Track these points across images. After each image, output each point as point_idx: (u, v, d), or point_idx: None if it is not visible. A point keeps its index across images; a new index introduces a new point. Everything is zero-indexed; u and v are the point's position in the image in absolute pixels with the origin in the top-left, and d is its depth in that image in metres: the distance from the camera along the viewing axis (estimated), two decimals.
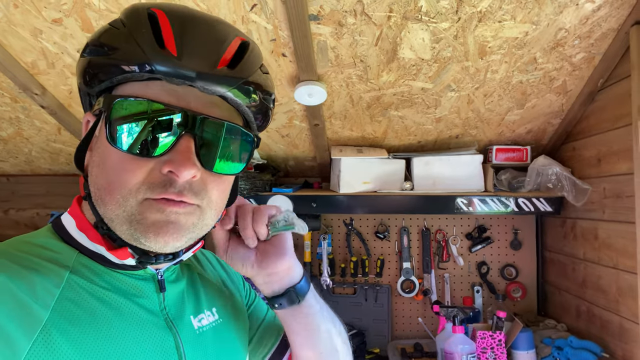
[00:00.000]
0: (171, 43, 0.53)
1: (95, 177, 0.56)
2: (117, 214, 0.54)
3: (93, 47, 0.56)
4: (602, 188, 1.58)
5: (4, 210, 2.47)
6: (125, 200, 0.53)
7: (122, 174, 0.53)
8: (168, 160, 0.53)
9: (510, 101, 1.67)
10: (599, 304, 1.63)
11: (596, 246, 1.64)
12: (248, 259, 0.69)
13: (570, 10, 1.26)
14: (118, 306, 0.57)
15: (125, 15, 0.57)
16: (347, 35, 1.33)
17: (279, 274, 0.71)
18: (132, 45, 0.53)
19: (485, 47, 1.39)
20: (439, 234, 2.19)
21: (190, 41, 0.54)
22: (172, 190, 0.53)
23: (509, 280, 2.15)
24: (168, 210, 0.54)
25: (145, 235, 0.54)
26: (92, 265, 0.58)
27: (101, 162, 0.56)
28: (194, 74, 0.53)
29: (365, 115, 1.75)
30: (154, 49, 0.53)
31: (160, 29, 0.54)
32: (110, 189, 0.54)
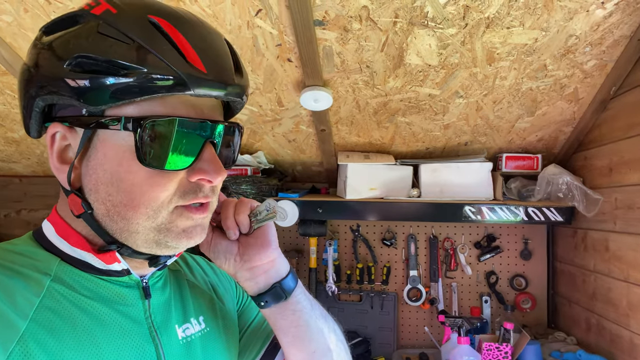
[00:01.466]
0: (195, 58, 0.53)
1: (108, 195, 0.55)
2: (145, 225, 0.56)
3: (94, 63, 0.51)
4: (614, 198, 1.54)
5: (16, 210, 2.51)
6: (157, 213, 0.55)
7: (153, 189, 0.54)
8: (198, 169, 0.56)
9: (520, 108, 1.64)
10: (609, 317, 1.59)
11: (607, 258, 1.60)
12: (230, 252, 0.68)
13: (580, 17, 1.24)
14: (100, 315, 0.57)
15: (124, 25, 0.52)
16: (352, 41, 1.32)
17: (263, 267, 0.69)
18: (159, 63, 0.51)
19: (494, 54, 1.37)
20: (446, 242, 2.16)
21: (209, 53, 0.55)
22: (202, 195, 0.58)
23: (519, 290, 2.11)
24: (197, 217, 0.58)
25: (178, 241, 0.58)
26: (74, 272, 0.58)
27: (115, 180, 0.54)
28: (225, 92, 0.55)
29: (372, 121, 1.74)
30: (184, 66, 0.52)
31: (174, 41, 0.53)
32: (135, 205, 0.54)
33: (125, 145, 0.53)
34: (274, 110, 1.68)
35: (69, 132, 0.56)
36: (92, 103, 0.52)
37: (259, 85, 1.53)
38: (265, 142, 1.93)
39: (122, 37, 0.51)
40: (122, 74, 0.50)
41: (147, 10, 0.54)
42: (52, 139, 0.57)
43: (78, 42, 0.52)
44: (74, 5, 1.24)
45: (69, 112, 0.56)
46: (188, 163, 0.55)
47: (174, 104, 0.54)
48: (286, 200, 1.90)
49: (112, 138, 0.54)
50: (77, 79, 0.51)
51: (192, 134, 0.55)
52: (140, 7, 0.54)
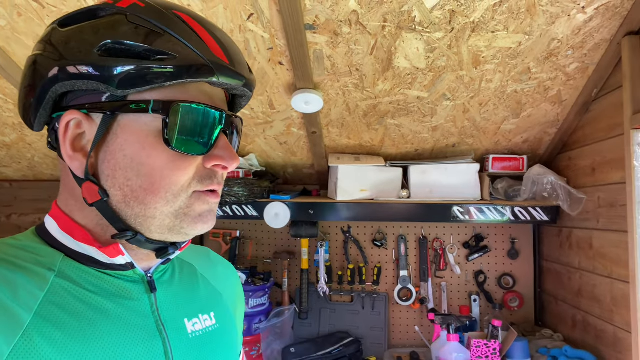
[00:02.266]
0: (218, 50, 0.58)
1: (127, 180, 0.56)
2: (163, 210, 0.57)
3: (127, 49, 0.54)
4: (597, 197, 1.59)
5: (6, 215, 2.50)
6: (177, 197, 0.57)
7: (174, 172, 0.57)
8: (215, 156, 0.59)
9: (505, 110, 1.68)
10: (594, 313, 1.63)
11: (591, 255, 1.64)
12: None
13: (562, 21, 1.28)
14: (105, 309, 0.56)
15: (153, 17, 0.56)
16: (342, 45, 1.35)
17: None
18: (189, 52, 0.55)
19: (479, 57, 1.41)
20: (436, 243, 2.19)
21: (229, 47, 0.60)
22: (217, 182, 0.61)
23: (506, 289, 2.15)
24: (212, 202, 0.61)
25: (193, 225, 0.60)
26: (78, 267, 0.58)
27: (136, 164, 0.56)
28: (243, 82, 0.60)
29: (362, 124, 1.77)
30: (211, 56, 0.56)
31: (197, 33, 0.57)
32: (155, 189, 0.56)
33: (148, 130, 0.55)
34: (265, 113, 1.71)
35: (85, 120, 0.56)
36: (120, 87, 0.53)
37: None
38: (257, 145, 1.95)
39: (153, 26, 0.55)
40: (155, 59, 0.54)
41: (171, 6, 0.58)
42: (66, 127, 0.57)
43: (108, 30, 0.55)
44: (67, 9, 1.26)
45: (86, 99, 0.56)
46: (207, 149, 0.59)
47: (193, 92, 0.58)
48: (278, 202, 1.93)
49: (134, 123, 0.55)
50: (108, 64, 0.53)
51: (210, 121, 0.59)
52: (164, 3, 0.59)
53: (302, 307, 2.16)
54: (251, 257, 2.29)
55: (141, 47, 0.54)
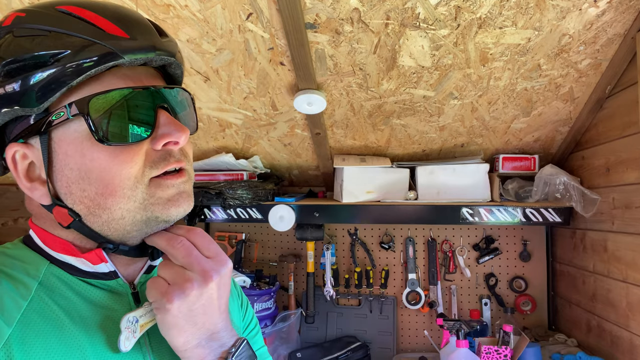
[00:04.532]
0: (113, 28, 0.53)
1: (82, 191, 0.55)
2: (128, 208, 0.55)
3: (21, 64, 0.51)
4: (612, 198, 1.53)
5: (13, 219, 2.50)
6: (134, 190, 0.55)
7: (121, 166, 0.54)
8: (161, 135, 0.56)
9: (515, 109, 1.63)
10: (609, 318, 1.57)
11: (605, 258, 1.58)
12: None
13: (573, 16, 1.23)
14: (87, 319, 0.56)
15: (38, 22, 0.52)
16: (344, 43, 1.32)
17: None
18: (81, 41, 0.52)
19: (487, 54, 1.36)
20: (445, 245, 2.14)
21: (126, 20, 0.55)
22: (173, 160, 0.57)
23: (518, 292, 2.09)
24: (177, 183, 0.58)
25: (166, 211, 0.57)
26: (62, 275, 0.57)
27: (83, 174, 0.54)
28: (151, 47, 0.56)
29: (367, 124, 1.73)
30: (105, 36, 0.52)
31: (88, 20, 0.53)
32: (111, 190, 0.54)
33: (80, 135, 0.54)
34: (268, 115, 1.68)
35: (26, 149, 0.56)
36: (33, 104, 0.52)
37: (252, 89, 1.52)
38: (261, 147, 1.92)
39: (38, 31, 0.52)
40: (50, 63, 0.51)
41: (54, 4, 0.55)
42: (13, 162, 0.56)
43: (1, 54, 0.52)
44: None
45: (17, 129, 0.55)
46: (148, 132, 0.56)
47: (111, 81, 0.55)
48: (283, 205, 1.89)
49: (66, 133, 0.54)
50: (10, 86, 0.51)
51: (141, 102, 0.56)
52: (47, 4, 0.55)
53: (309, 311, 2.13)
54: (257, 260, 2.26)
55: (33, 55, 0.51)
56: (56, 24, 0.52)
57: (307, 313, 2.13)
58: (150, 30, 0.57)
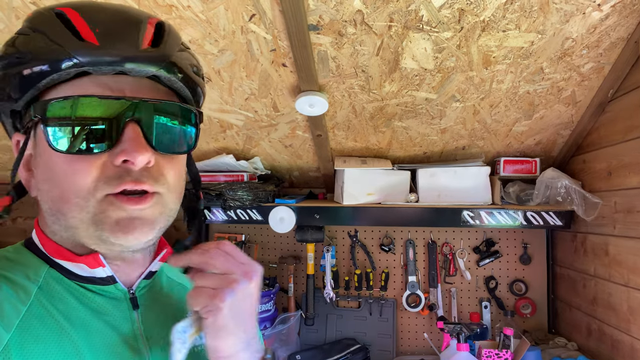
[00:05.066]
0: (89, 34, 0.52)
1: (47, 192, 0.55)
2: (81, 218, 0.53)
3: (5, 60, 0.53)
4: (613, 202, 1.53)
5: (12, 218, 2.49)
6: (86, 201, 0.52)
7: (75, 176, 0.52)
8: (120, 151, 0.52)
9: (517, 112, 1.63)
10: (609, 322, 1.57)
11: (607, 262, 1.58)
12: None
13: (576, 19, 1.23)
14: (85, 325, 0.55)
15: (31, 21, 0.55)
16: (347, 45, 1.31)
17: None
18: (49, 44, 0.51)
19: (490, 57, 1.36)
20: (445, 247, 2.14)
21: (107, 28, 0.53)
22: (130, 179, 0.53)
23: (519, 295, 2.09)
24: (131, 208, 0.53)
25: (114, 235, 0.53)
26: (62, 280, 0.57)
27: (48, 175, 0.54)
28: (120, 58, 0.52)
29: (369, 126, 1.73)
30: (73, 42, 0.51)
31: (73, 24, 0.52)
32: (66, 196, 0.53)
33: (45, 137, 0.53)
34: (269, 116, 1.67)
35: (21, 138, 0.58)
36: (11, 99, 0.53)
37: (254, 90, 1.51)
38: (262, 148, 1.92)
39: (29, 31, 0.53)
40: (24, 63, 0.51)
41: (60, 4, 0.55)
42: (16, 148, 0.58)
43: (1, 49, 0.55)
44: None
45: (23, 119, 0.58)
46: (107, 145, 0.53)
47: (84, 86, 0.53)
48: (283, 207, 1.89)
49: (39, 133, 0.54)
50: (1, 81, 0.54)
51: (111, 113, 0.52)
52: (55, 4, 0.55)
53: (309, 313, 2.12)
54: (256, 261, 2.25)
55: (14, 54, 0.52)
56: (40, 25, 0.53)
57: (306, 315, 2.13)
58: (131, 39, 0.54)
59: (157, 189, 0.55)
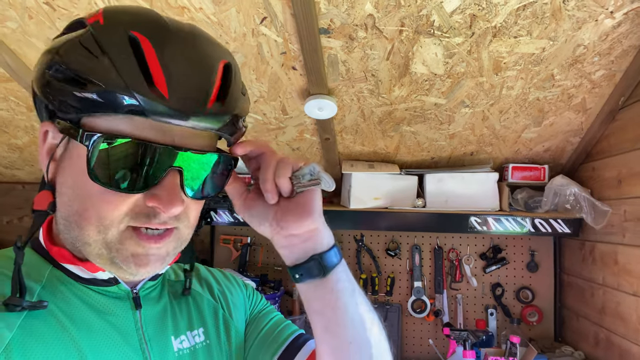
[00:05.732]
0: (161, 81, 0.50)
1: (68, 199, 0.54)
2: (96, 240, 0.54)
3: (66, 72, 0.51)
4: (623, 210, 1.52)
5: (18, 217, 2.50)
6: (107, 229, 0.53)
7: (104, 205, 0.52)
8: (154, 196, 0.53)
9: (526, 118, 1.62)
10: (618, 332, 1.55)
11: (616, 271, 1.57)
12: (266, 216, 0.61)
13: (589, 26, 1.22)
14: (88, 325, 0.56)
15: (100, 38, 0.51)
16: (357, 49, 1.31)
17: (302, 237, 0.61)
18: (119, 82, 0.49)
19: (500, 63, 1.35)
20: (452, 253, 2.13)
21: (180, 77, 0.51)
22: (156, 222, 0.54)
23: (525, 303, 2.08)
24: (147, 247, 0.55)
25: (127, 264, 0.54)
26: (65, 280, 0.57)
27: (75, 187, 0.54)
28: (186, 117, 0.51)
29: (377, 130, 1.72)
30: (143, 89, 0.49)
31: (145, 59, 0.50)
32: (88, 216, 0.53)
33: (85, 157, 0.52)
34: (278, 119, 1.67)
35: (57, 133, 0.55)
36: (63, 111, 0.52)
37: (263, 93, 1.52)
38: None
39: (97, 50, 0.50)
40: (86, 87, 0.49)
41: (132, 25, 0.52)
42: (44, 136, 0.57)
43: (63, 49, 0.52)
44: (78, 12, 1.24)
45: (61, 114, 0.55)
46: (142, 186, 0.52)
47: (141, 125, 0.51)
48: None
49: (79, 146, 0.52)
50: (53, 87, 0.51)
51: (153, 158, 0.52)
52: (127, 21, 0.52)
53: None
54: (261, 264, 2.25)
55: (75, 72, 0.50)
56: (113, 52, 0.50)
57: None
58: (197, 95, 0.52)
59: (177, 225, 0.57)
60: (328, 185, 0.62)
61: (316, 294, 0.62)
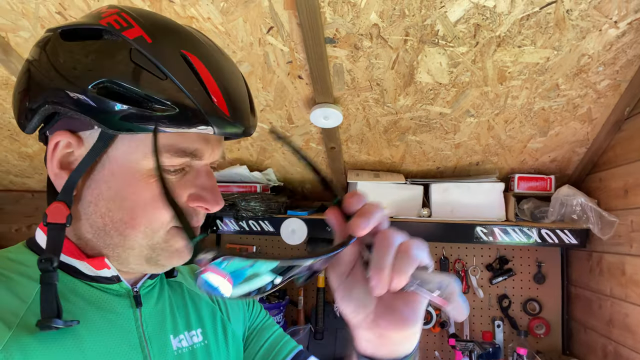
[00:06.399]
0: (221, 100, 0.55)
1: (108, 210, 0.56)
2: (141, 244, 0.57)
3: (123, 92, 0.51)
4: (630, 221, 1.51)
5: (27, 225, 2.53)
6: (155, 232, 0.57)
7: (157, 210, 0.56)
8: (199, 197, 0.58)
9: (532, 128, 1.62)
10: (626, 344, 1.53)
11: (623, 282, 1.55)
12: (365, 305, 0.51)
13: (593, 36, 1.23)
14: (88, 322, 0.56)
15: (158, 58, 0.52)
16: (363, 59, 1.33)
17: (394, 340, 0.52)
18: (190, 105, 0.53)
19: (505, 73, 1.36)
20: (458, 264, 2.12)
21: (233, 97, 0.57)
22: (197, 220, 0.60)
23: (532, 315, 2.05)
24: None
25: (169, 260, 0.59)
26: (64, 278, 0.58)
27: (119, 198, 0.56)
28: (242, 131, 0.58)
29: (383, 140, 1.73)
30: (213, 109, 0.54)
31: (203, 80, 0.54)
32: (136, 224, 0.56)
33: (135, 165, 0.55)
34: (284, 127, 1.69)
35: (74, 141, 0.55)
36: (110, 127, 0.52)
37: (269, 102, 1.53)
38: (275, 160, 1.93)
39: (156, 70, 0.52)
40: (152, 107, 0.52)
41: (180, 44, 0.55)
42: (55, 148, 0.56)
43: (109, 64, 0.51)
44: None
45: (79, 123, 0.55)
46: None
47: (193, 138, 0.56)
48: (295, 219, 1.89)
49: (123, 155, 0.55)
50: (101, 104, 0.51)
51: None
52: (173, 39, 0.55)
53: (318, 327, 2.10)
54: None
55: (139, 92, 0.51)
56: (174, 71, 0.52)
57: (316, 329, 2.11)
58: (247, 110, 0.59)
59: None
60: (459, 313, 0.47)
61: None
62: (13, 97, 0.59)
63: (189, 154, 0.56)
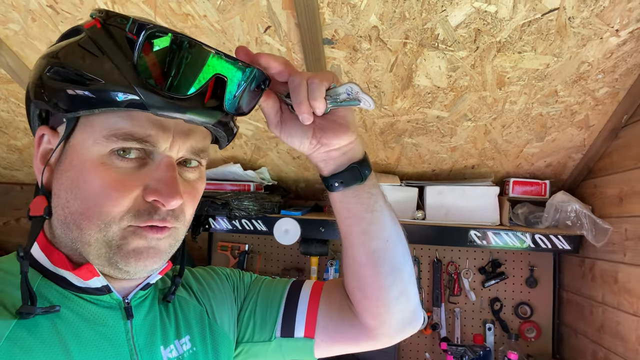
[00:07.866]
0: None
1: (66, 201, 0.55)
2: (97, 238, 0.54)
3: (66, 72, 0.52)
4: (624, 229, 1.50)
5: (15, 218, 2.49)
6: (108, 227, 0.54)
7: (106, 202, 0.53)
8: (154, 190, 0.54)
9: (529, 133, 1.62)
10: (617, 351, 1.53)
11: (616, 290, 1.55)
12: (305, 134, 0.63)
13: (594, 44, 1.22)
14: (77, 335, 0.55)
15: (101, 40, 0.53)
16: (361, 60, 1.31)
17: (341, 150, 0.65)
18: (119, 78, 0.50)
19: (504, 78, 1.35)
20: (450, 266, 2.11)
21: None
22: (157, 218, 0.55)
23: (523, 319, 2.06)
24: (150, 237, 0.55)
25: (126, 260, 0.55)
26: (55, 289, 0.56)
27: (74, 187, 0.54)
28: (184, 110, 0.53)
29: (379, 141, 1.72)
30: (143, 83, 0.50)
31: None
32: (89, 215, 0.53)
33: (87, 152, 0.53)
34: None
35: (52, 137, 0.57)
36: (62, 110, 0.52)
37: None
38: (270, 159, 1.91)
39: (95, 50, 0.52)
40: (86, 84, 0.51)
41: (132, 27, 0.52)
42: (39, 141, 0.58)
43: (62, 52, 0.53)
44: (81, 16, 1.23)
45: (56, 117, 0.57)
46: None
47: (141, 121, 0.53)
48: (288, 218, 1.87)
49: (80, 145, 0.54)
50: (50, 87, 0.52)
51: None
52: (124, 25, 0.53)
53: None
54: (259, 272, 2.24)
55: (76, 71, 0.51)
56: (111, 51, 0.51)
57: None
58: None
59: (175, 224, 0.58)
60: (368, 105, 0.59)
61: (355, 199, 0.67)
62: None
63: (138, 139, 0.53)
